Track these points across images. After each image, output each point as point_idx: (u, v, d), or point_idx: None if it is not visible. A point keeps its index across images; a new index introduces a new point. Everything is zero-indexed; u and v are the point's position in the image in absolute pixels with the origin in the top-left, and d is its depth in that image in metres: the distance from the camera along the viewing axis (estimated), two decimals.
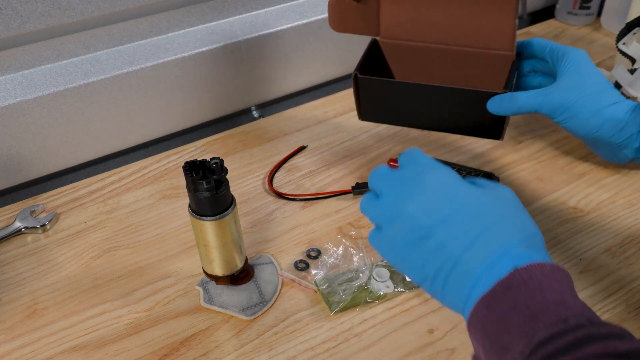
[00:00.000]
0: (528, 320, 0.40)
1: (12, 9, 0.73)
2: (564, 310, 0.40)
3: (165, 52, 0.86)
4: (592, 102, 0.66)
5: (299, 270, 0.69)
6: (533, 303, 0.41)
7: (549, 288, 0.41)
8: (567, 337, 0.37)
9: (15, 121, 0.78)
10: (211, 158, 0.57)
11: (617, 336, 0.37)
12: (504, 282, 0.42)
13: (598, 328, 0.38)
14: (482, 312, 0.43)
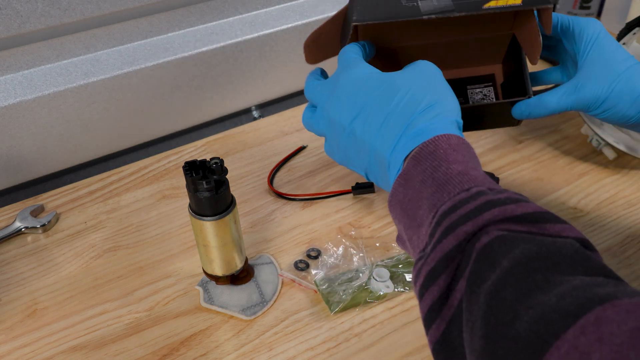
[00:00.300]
0: (435, 192, 0.43)
1: (12, 9, 0.73)
2: (467, 179, 0.42)
3: (165, 52, 0.86)
4: (628, 88, 0.59)
5: (299, 270, 0.69)
6: (439, 174, 0.43)
7: (453, 160, 0.44)
8: (469, 205, 0.40)
9: (15, 121, 0.78)
10: (211, 158, 0.57)
11: (514, 201, 0.39)
12: (413, 157, 0.45)
13: (497, 195, 0.40)
14: (399, 192, 0.45)
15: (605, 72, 0.59)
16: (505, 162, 0.83)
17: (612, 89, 0.59)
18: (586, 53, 0.61)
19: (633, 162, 0.82)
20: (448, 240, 0.39)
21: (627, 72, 0.59)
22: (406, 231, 0.46)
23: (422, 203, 0.43)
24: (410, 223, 0.45)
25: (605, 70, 0.59)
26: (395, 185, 0.46)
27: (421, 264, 0.41)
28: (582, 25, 0.61)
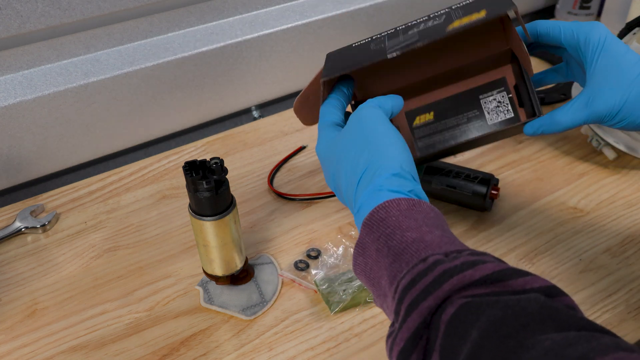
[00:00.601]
0: (393, 262, 0.42)
1: (12, 9, 0.73)
2: (423, 247, 0.42)
3: (165, 52, 0.86)
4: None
5: (299, 270, 0.69)
6: (393, 243, 0.43)
7: (407, 226, 0.43)
8: (427, 278, 0.39)
9: (15, 121, 0.78)
10: (211, 158, 0.57)
11: (471, 265, 0.39)
12: (365, 224, 0.45)
13: (453, 261, 0.39)
14: (359, 260, 0.45)
15: (617, 82, 0.55)
16: (505, 162, 0.83)
17: (626, 98, 0.55)
18: (594, 62, 0.56)
19: (633, 162, 0.82)
20: (412, 319, 0.39)
21: (639, 78, 0.55)
22: (376, 299, 0.46)
23: (382, 273, 0.43)
24: (377, 292, 0.45)
25: (616, 79, 0.55)
26: (355, 253, 0.46)
27: (391, 342, 0.41)
28: (586, 32, 0.57)
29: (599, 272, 0.68)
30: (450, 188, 0.74)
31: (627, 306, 0.64)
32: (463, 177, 0.74)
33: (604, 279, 0.67)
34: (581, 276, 0.67)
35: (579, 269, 0.68)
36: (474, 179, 0.73)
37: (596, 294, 0.65)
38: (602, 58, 0.56)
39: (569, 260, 0.69)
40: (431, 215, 0.45)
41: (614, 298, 0.65)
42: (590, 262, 0.69)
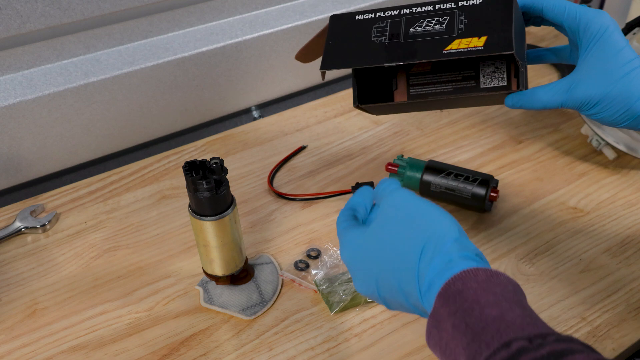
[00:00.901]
0: (471, 341, 0.39)
1: (12, 9, 0.73)
2: (505, 327, 0.39)
3: (165, 52, 0.86)
4: (622, 96, 0.55)
5: (299, 270, 0.69)
6: (472, 320, 0.40)
7: (486, 302, 0.40)
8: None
9: (15, 121, 0.78)
10: (211, 158, 0.57)
11: (558, 356, 0.36)
12: (440, 295, 0.42)
13: (539, 349, 0.37)
14: (434, 334, 0.42)
15: (603, 75, 0.55)
16: (505, 162, 0.83)
17: (606, 93, 0.55)
18: (588, 50, 0.56)
19: (633, 162, 0.82)
20: None
21: (625, 79, 0.54)
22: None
23: (460, 351, 0.40)
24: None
25: (603, 73, 0.55)
26: (429, 326, 0.43)
27: None
28: (589, 18, 0.56)
29: (599, 272, 0.68)
30: (450, 191, 0.74)
31: (627, 306, 0.64)
32: (462, 180, 0.74)
33: (604, 279, 0.67)
34: (581, 276, 0.67)
35: (579, 269, 0.68)
36: (473, 181, 0.73)
37: (596, 294, 0.65)
38: (597, 48, 0.55)
39: (569, 260, 0.69)
40: (510, 288, 0.42)
41: (614, 298, 0.65)
42: (590, 262, 0.69)
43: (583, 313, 0.63)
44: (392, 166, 0.78)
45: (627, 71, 0.55)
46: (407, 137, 0.89)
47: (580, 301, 0.65)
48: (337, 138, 0.90)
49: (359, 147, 0.88)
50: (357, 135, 0.90)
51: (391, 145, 0.88)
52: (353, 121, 0.92)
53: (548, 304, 0.64)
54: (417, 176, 0.76)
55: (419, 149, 0.87)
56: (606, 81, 0.55)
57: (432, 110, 0.75)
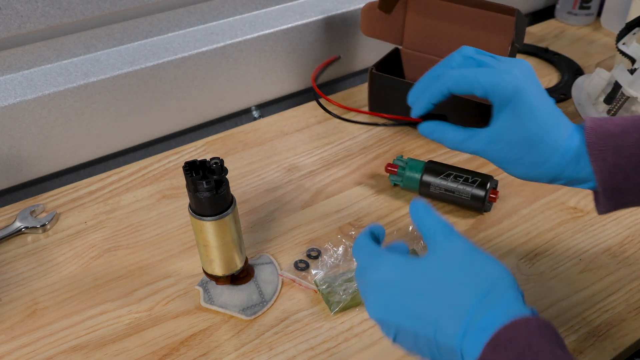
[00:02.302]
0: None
1: (12, 9, 0.73)
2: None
3: (165, 52, 0.86)
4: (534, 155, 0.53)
5: (299, 270, 0.69)
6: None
7: (538, 349, 0.39)
8: None
9: (15, 121, 0.78)
10: (211, 158, 0.57)
11: None
12: (490, 344, 0.40)
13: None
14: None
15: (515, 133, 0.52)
16: None
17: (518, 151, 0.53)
18: (500, 111, 0.53)
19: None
20: None
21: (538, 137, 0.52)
22: None
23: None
24: None
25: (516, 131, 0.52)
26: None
27: None
28: (495, 83, 0.52)
29: (599, 272, 0.68)
30: (449, 192, 0.74)
31: (627, 306, 0.64)
32: (462, 181, 0.74)
33: (604, 279, 0.67)
34: (581, 276, 0.67)
35: (579, 269, 0.68)
36: (472, 182, 0.73)
37: (596, 294, 0.65)
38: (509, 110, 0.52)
39: (569, 260, 0.69)
40: (559, 338, 0.41)
41: (614, 298, 0.65)
42: (590, 262, 0.69)
43: (583, 313, 0.63)
44: (391, 167, 0.78)
45: (538, 130, 0.52)
46: (407, 137, 0.89)
47: (580, 301, 0.65)
48: (337, 138, 0.90)
49: (359, 147, 0.88)
50: (357, 135, 0.90)
51: (391, 145, 0.88)
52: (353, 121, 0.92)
53: (548, 304, 0.64)
54: (417, 177, 0.76)
55: (419, 149, 0.87)
56: (518, 141, 0.52)
57: None
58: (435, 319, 0.43)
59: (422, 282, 0.45)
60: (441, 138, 0.57)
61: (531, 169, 0.54)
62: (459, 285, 0.44)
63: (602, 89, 0.90)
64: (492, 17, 0.84)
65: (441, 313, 0.43)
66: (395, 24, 0.92)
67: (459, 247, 0.46)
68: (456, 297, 0.43)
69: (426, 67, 0.89)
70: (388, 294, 0.46)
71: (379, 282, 0.46)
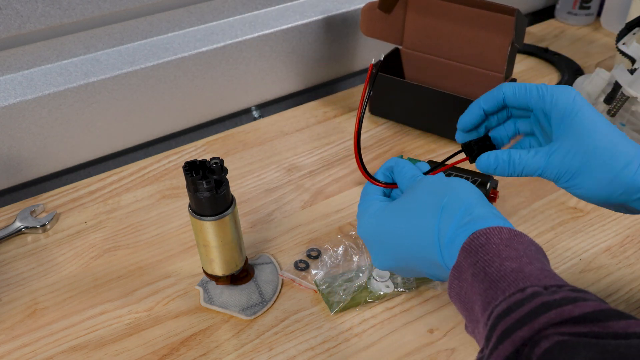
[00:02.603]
0: (488, 288, 0.41)
1: (12, 9, 0.73)
2: (522, 277, 0.41)
3: (165, 52, 0.86)
4: (604, 166, 0.49)
5: (299, 270, 0.69)
6: (491, 270, 0.42)
7: (506, 256, 0.42)
8: (524, 308, 0.38)
9: (15, 121, 0.78)
10: (211, 158, 0.57)
11: (571, 301, 0.38)
12: (464, 249, 0.44)
13: (553, 295, 0.39)
14: (455, 284, 0.45)
15: (582, 144, 0.50)
16: None
17: (587, 163, 0.50)
18: (562, 123, 0.51)
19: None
20: (504, 347, 0.37)
21: (605, 145, 0.49)
22: (468, 324, 0.45)
23: (476, 298, 0.42)
24: (470, 317, 0.44)
25: (582, 141, 0.50)
26: (451, 277, 0.45)
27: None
28: (556, 96, 0.51)
29: (599, 272, 0.68)
30: None
31: (627, 306, 0.64)
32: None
33: (604, 279, 0.67)
34: (581, 276, 0.68)
35: (579, 269, 0.68)
36: (472, 182, 0.73)
37: (596, 293, 0.65)
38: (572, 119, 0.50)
39: (569, 260, 0.69)
40: (532, 248, 0.44)
41: (614, 298, 0.65)
42: (590, 262, 0.69)
43: None
44: None
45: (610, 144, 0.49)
46: (407, 137, 0.89)
47: None
48: (337, 138, 0.90)
49: None
50: None
51: (391, 145, 0.88)
52: (353, 121, 0.92)
53: None
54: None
55: (419, 149, 0.87)
56: (588, 152, 0.50)
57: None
58: (415, 250, 0.49)
59: (392, 224, 0.50)
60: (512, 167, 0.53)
61: (600, 183, 0.50)
62: (419, 214, 0.49)
63: (602, 89, 0.90)
64: (492, 17, 0.84)
65: (417, 244, 0.48)
66: (395, 24, 0.92)
67: (419, 182, 0.52)
68: (420, 225, 0.48)
69: (426, 67, 0.92)
70: (374, 243, 0.52)
71: (364, 232, 0.53)
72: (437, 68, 0.92)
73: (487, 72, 0.88)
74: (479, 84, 0.89)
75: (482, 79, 0.89)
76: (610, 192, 0.50)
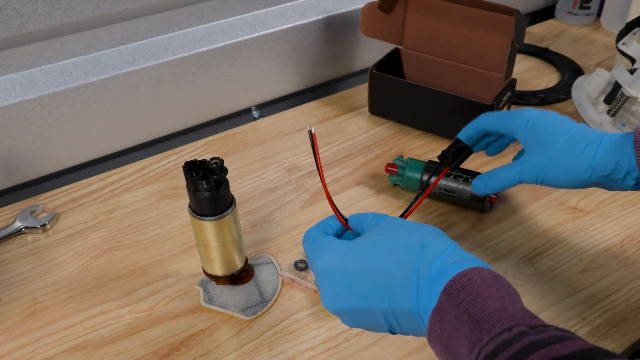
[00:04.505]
0: (473, 329, 0.41)
1: (12, 9, 0.73)
2: (506, 317, 0.40)
3: (165, 52, 0.86)
4: (566, 159, 0.58)
5: (299, 270, 0.69)
6: (475, 310, 0.41)
7: (489, 295, 0.42)
8: (513, 347, 0.38)
9: (15, 121, 0.78)
10: (211, 158, 0.57)
11: (559, 340, 0.38)
12: (445, 291, 0.43)
13: (540, 334, 0.38)
14: (436, 327, 0.43)
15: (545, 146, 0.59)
16: (505, 162, 0.83)
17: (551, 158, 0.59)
18: (526, 137, 0.61)
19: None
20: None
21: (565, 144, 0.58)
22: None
23: (461, 341, 0.42)
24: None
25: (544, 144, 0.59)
26: (431, 320, 0.44)
27: None
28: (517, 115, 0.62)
29: (599, 272, 0.68)
30: (449, 192, 0.74)
31: (627, 306, 0.64)
32: (462, 181, 0.74)
33: (604, 279, 0.67)
34: (581, 276, 0.68)
35: (579, 269, 0.68)
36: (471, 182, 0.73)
37: (596, 294, 0.65)
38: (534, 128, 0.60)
39: (569, 260, 0.69)
40: (511, 289, 0.44)
41: (614, 298, 0.65)
42: (590, 262, 0.69)
43: (583, 313, 0.63)
44: (391, 167, 0.78)
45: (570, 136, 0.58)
46: (407, 137, 0.89)
47: (580, 301, 0.65)
48: (337, 138, 0.90)
49: (359, 147, 0.88)
50: (357, 135, 0.90)
51: (391, 145, 0.88)
52: (353, 121, 0.92)
53: (548, 304, 0.64)
54: (417, 177, 0.76)
55: (419, 149, 0.87)
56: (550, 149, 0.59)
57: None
58: (384, 289, 0.46)
59: (362, 260, 0.47)
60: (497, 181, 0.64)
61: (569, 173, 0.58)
62: (395, 249, 0.46)
63: (602, 89, 0.90)
64: (492, 17, 0.84)
65: (389, 281, 0.46)
66: (395, 24, 0.92)
67: (387, 221, 0.50)
68: (397, 261, 0.46)
69: (426, 67, 0.93)
70: (336, 282, 0.48)
71: (324, 271, 0.49)
72: (437, 68, 0.92)
73: (487, 72, 0.88)
74: (479, 84, 0.89)
75: (482, 79, 0.89)
76: (581, 178, 0.58)
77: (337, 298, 0.48)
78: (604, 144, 0.56)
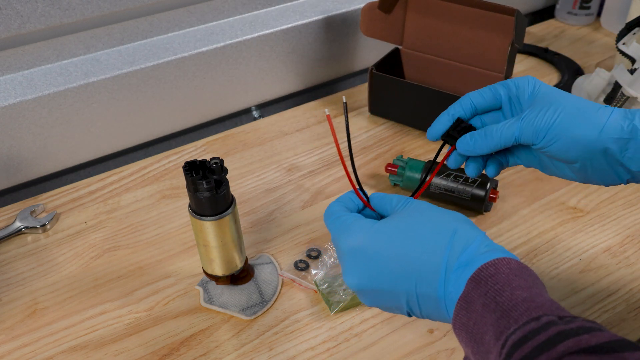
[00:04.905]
0: (500, 317, 0.41)
1: (12, 9, 0.73)
2: (534, 307, 0.41)
3: (165, 52, 0.86)
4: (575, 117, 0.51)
5: (299, 270, 0.69)
6: (502, 299, 0.41)
7: (517, 285, 0.42)
8: (540, 337, 0.38)
9: (15, 121, 0.78)
10: (211, 158, 0.57)
11: (587, 330, 0.38)
12: (472, 279, 0.43)
13: (568, 324, 0.39)
14: (462, 315, 0.44)
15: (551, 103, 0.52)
16: None
17: (561, 114, 0.51)
18: (530, 96, 0.54)
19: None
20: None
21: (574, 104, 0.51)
22: (474, 356, 0.44)
23: (487, 329, 0.42)
24: (478, 348, 0.43)
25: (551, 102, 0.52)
26: (457, 308, 0.44)
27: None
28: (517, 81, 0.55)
29: (599, 272, 0.68)
30: (449, 192, 0.74)
31: (627, 306, 0.64)
32: (462, 181, 0.74)
33: (604, 279, 0.67)
34: (581, 276, 0.68)
35: (579, 269, 0.68)
36: (472, 182, 0.73)
37: (596, 294, 0.65)
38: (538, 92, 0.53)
39: (569, 260, 0.69)
40: (538, 281, 0.44)
41: (614, 298, 0.65)
42: (590, 262, 0.69)
43: (583, 313, 0.63)
44: (391, 167, 0.78)
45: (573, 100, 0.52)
46: (407, 137, 0.89)
47: (580, 301, 0.65)
48: (337, 138, 0.89)
49: (359, 147, 0.88)
50: (357, 135, 0.90)
51: (391, 145, 0.88)
52: (353, 121, 0.92)
53: None
54: (417, 177, 0.76)
55: (419, 149, 0.87)
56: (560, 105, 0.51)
57: None
58: (413, 273, 0.45)
59: (392, 243, 0.47)
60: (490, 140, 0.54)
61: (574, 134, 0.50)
62: (427, 234, 0.46)
63: (602, 89, 0.90)
64: (492, 17, 0.84)
65: (418, 265, 0.45)
66: (395, 24, 0.92)
67: (415, 205, 0.49)
68: (428, 246, 0.45)
69: (426, 67, 0.93)
70: (362, 261, 0.47)
71: (350, 249, 0.48)
72: (437, 68, 0.92)
73: (487, 72, 0.88)
74: (479, 84, 0.89)
75: (482, 79, 0.89)
76: (589, 137, 0.50)
77: (361, 277, 0.48)
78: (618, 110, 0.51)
